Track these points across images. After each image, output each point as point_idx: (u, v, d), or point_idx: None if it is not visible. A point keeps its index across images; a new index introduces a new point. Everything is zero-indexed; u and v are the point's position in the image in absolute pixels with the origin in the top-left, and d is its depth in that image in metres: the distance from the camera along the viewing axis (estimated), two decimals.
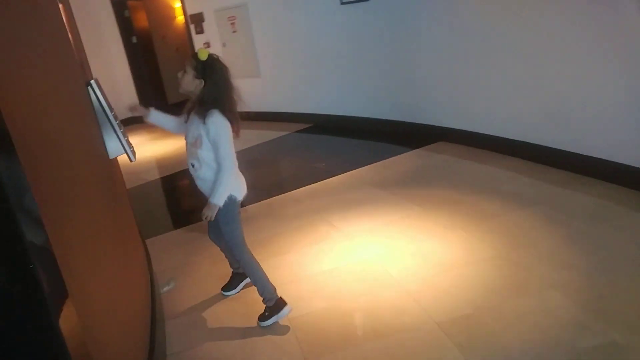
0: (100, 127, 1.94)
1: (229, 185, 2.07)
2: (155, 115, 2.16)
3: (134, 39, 8.00)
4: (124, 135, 2.00)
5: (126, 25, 7.94)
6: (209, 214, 2.05)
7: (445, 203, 3.19)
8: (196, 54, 1.97)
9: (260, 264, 2.27)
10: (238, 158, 2.08)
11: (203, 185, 2.13)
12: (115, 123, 1.94)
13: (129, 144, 2.04)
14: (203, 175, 2.09)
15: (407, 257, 2.61)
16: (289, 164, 4.79)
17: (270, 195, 3.88)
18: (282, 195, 3.84)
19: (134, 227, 2.61)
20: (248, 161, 5.26)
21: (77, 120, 1.61)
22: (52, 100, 1.32)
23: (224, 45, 6.81)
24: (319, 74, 5.84)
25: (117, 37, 7.80)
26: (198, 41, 7.11)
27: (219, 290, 2.54)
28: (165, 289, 2.70)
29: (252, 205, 3.74)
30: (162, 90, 8.81)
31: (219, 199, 2.04)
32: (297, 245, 2.93)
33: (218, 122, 1.97)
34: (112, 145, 1.98)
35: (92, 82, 1.89)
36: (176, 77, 2.00)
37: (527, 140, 3.70)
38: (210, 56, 1.98)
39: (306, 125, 6.14)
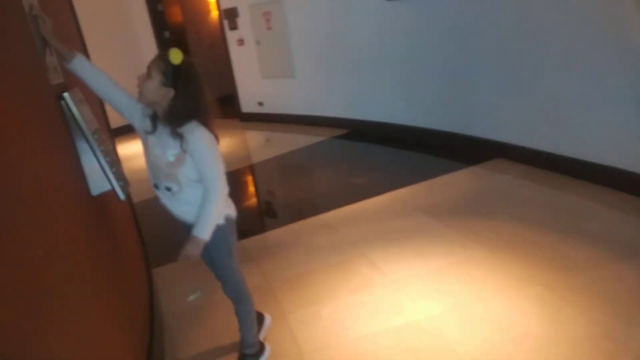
0: (79, 155, 1.47)
1: (218, 212, 1.62)
2: (82, 65, 1.55)
3: (167, 34, 7.67)
4: (112, 164, 1.52)
5: (159, 20, 7.61)
6: (194, 252, 1.58)
7: (515, 243, 2.58)
8: (167, 55, 1.49)
9: (286, 316, 1.80)
10: (268, 165, 1.58)
11: (186, 208, 1.65)
12: (97, 150, 1.47)
13: (120, 176, 1.56)
14: (186, 197, 1.63)
15: (472, 321, 2.03)
16: (323, 177, 4.26)
17: (300, 216, 3.36)
18: (314, 218, 3.32)
19: (135, 267, 2.16)
20: (277, 171, 4.78)
21: (35, 148, 1.14)
22: None
23: (257, 42, 6.35)
24: (359, 75, 5.28)
25: (149, 31, 7.48)
26: (231, 38, 6.68)
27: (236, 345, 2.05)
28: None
29: (279, 228, 3.23)
30: None
31: (206, 232, 1.58)
32: (332, 293, 2.40)
33: (202, 137, 1.54)
34: (95, 179, 1.51)
35: (66, 95, 1.42)
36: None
37: (616, 166, 3.01)
38: (185, 60, 1.51)
39: (343, 131, 5.60)
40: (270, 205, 3.94)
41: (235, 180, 4.61)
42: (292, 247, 2.93)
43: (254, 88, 6.77)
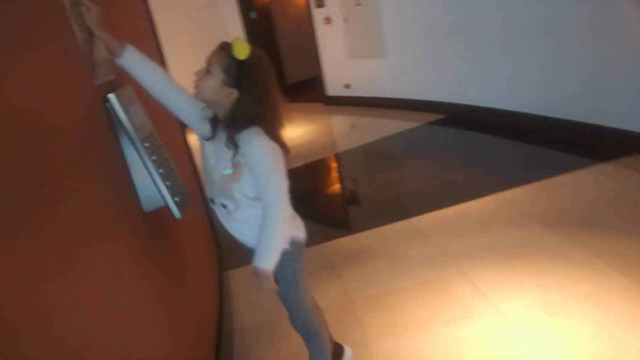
0: (129, 166, 1.23)
1: (282, 237, 1.31)
2: (133, 59, 1.26)
3: (253, 15, 7.55)
4: (167, 176, 1.27)
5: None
6: (264, 284, 1.32)
7: None
8: (230, 47, 1.19)
9: (368, 345, 1.68)
10: (354, 155, 1.27)
11: (244, 230, 1.38)
12: (148, 160, 1.22)
13: (177, 190, 1.30)
14: (244, 217, 1.34)
15: None
16: (415, 172, 3.79)
17: (388, 218, 2.97)
18: (404, 222, 2.90)
19: (202, 279, 1.95)
20: (363, 162, 4.40)
21: (69, 162, 0.91)
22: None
23: (345, 20, 5.94)
24: (459, 54, 4.66)
25: (235, 12, 7.41)
26: (318, 16, 6.34)
27: None
28: None
29: (363, 232, 2.88)
30: (280, 70, 8.34)
31: (267, 261, 1.29)
32: (424, 321, 2.00)
33: (262, 146, 1.24)
34: (147, 194, 1.26)
35: (111, 96, 1.18)
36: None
37: None
38: (253, 54, 1.21)
39: (438, 117, 5.04)
40: (353, 204, 3.58)
41: (316, 172, 4.32)
42: (378, 257, 2.56)
43: (340, 69, 6.40)
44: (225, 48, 1.22)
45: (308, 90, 8.04)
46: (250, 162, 1.23)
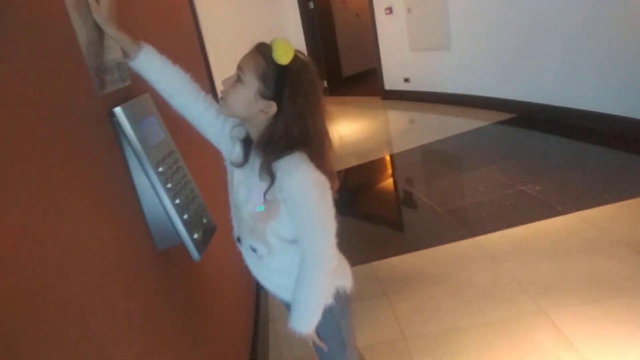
0: (138, 194, 1.02)
1: (325, 293, 1.06)
2: (150, 62, 1.03)
3: (311, 5, 7.29)
4: (185, 208, 1.04)
5: None
6: (308, 340, 1.09)
7: None
8: (268, 48, 0.94)
9: None
10: (412, 157, 1.01)
11: (278, 280, 1.12)
12: (162, 189, 0.99)
13: (196, 224, 1.07)
14: (278, 265, 1.09)
15: None
16: (482, 180, 3.38)
17: (449, 235, 2.62)
18: (469, 241, 2.54)
19: (234, 311, 1.72)
20: (422, 166, 4.03)
21: (67, 184, 0.71)
22: None
23: (409, 10, 5.53)
24: (534, 46, 4.13)
25: (293, 2, 7.18)
26: (379, 6, 5.96)
27: None
28: None
29: (420, 251, 2.55)
30: (338, 61, 8.04)
31: (306, 323, 1.04)
32: None
33: (306, 179, 0.96)
34: (160, 229, 1.04)
35: (118, 110, 0.95)
36: (353, 52, 0.97)
37: None
38: (298, 58, 0.96)
39: (508, 116, 4.55)
40: (410, 215, 3.22)
41: (368, 175, 4.01)
42: (438, 284, 2.23)
43: (400, 62, 6.01)
44: (262, 50, 0.96)
45: (364, 83, 7.70)
46: (289, 198, 0.97)
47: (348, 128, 5.21)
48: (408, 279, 2.32)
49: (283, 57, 0.93)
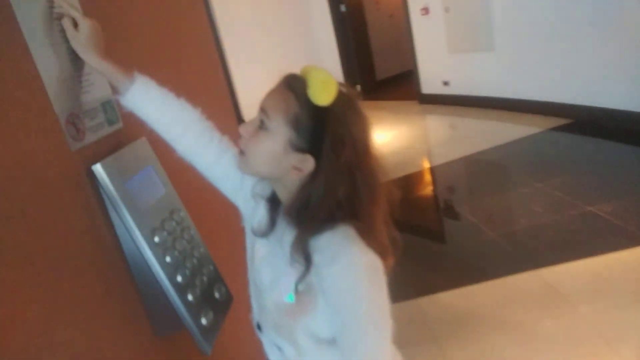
0: (131, 269, 0.78)
1: None
2: (145, 98, 0.79)
3: (343, 7, 7.03)
4: (190, 284, 0.80)
5: None
6: None
7: None
8: (303, 83, 0.68)
9: None
10: (455, 169, 0.78)
11: None
12: (156, 263, 0.75)
13: (207, 304, 0.83)
14: None
15: None
16: (540, 199, 2.96)
17: (507, 267, 2.28)
18: (530, 274, 2.19)
19: None
20: (467, 181, 3.67)
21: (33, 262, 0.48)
22: None
23: (446, 10, 5.18)
24: (591, 45, 3.71)
25: (324, 5, 6.96)
26: (414, 6, 5.63)
27: None
28: None
29: (475, 285, 2.23)
30: (371, 65, 7.74)
31: None
32: None
33: (355, 265, 0.69)
34: (158, 313, 0.80)
35: (97, 167, 0.72)
36: (387, 55, 0.75)
37: None
38: (343, 95, 0.69)
39: (563, 122, 4.13)
40: (456, 241, 2.85)
41: (407, 192, 3.57)
42: (496, 327, 1.91)
43: (438, 64, 5.65)
44: (292, 86, 0.70)
45: (399, 86, 7.36)
46: (331, 291, 0.70)
47: (383, 135, 4.90)
48: (461, 320, 2.01)
49: (322, 95, 0.67)
